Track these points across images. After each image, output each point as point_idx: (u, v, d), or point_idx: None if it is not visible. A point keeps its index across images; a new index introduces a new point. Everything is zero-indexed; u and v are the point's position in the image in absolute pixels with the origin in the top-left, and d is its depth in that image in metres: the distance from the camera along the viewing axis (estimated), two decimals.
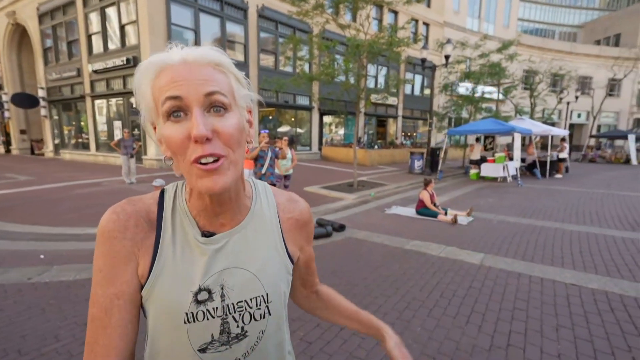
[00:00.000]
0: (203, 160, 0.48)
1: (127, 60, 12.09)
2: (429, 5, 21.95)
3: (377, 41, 8.36)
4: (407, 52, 13.51)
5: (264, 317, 0.59)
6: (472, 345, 2.28)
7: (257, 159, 5.24)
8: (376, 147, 17.58)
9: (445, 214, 5.94)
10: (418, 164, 12.42)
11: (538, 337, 2.39)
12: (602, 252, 4.19)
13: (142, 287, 0.55)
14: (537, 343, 2.31)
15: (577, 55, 30.67)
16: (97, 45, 13.41)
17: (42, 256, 3.84)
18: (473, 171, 11.72)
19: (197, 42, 12.74)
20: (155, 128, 0.54)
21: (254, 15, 14.36)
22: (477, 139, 12.80)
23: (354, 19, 9.73)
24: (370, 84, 16.96)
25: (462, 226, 5.46)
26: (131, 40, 12.28)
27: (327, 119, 19.28)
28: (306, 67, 14.10)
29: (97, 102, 14.18)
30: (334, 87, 10.03)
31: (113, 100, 13.66)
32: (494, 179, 10.91)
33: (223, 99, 0.50)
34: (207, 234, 0.57)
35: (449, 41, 12.04)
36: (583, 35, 44.23)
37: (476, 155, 12.10)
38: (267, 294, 0.59)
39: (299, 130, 17.30)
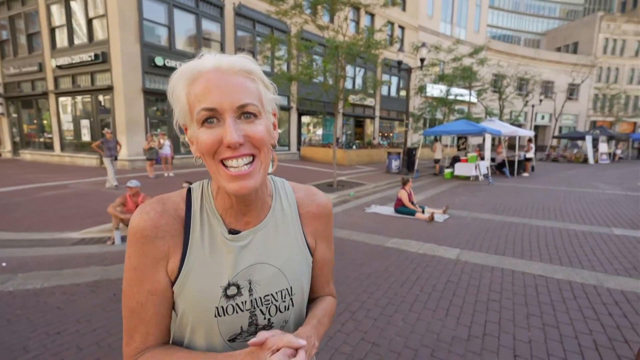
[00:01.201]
0: (232, 163, 0.53)
1: (96, 56, 11.51)
2: (404, 9, 22.53)
3: (355, 43, 8.48)
4: (384, 54, 13.81)
5: (287, 308, 0.63)
6: (451, 337, 2.39)
7: None
8: (354, 147, 17.82)
9: (423, 212, 6.14)
10: (395, 164, 12.72)
11: (511, 325, 2.54)
12: (565, 245, 4.50)
13: (173, 283, 0.57)
14: (510, 331, 2.46)
15: (540, 61, 32.62)
16: (61, 39, 12.67)
17: (4, 264, 3.58)
18: (448, 170, 12.18)
19: (170, 39, 12.36)
20: (186, 129, 0.58)
21: (231, 13, 14.13)
22: (436, 139, 13.31)
23: (331, 20, 9.83)
24: (349, 84, 17.16)
25: (438, 223, 5.67)
26: (99, 35, 11.70)
27: (305, 119, 19.30)
28: (284, 67, 14.05)
29: (62, 99, 13.38)
30: (313, 87, 10.07)
31: (79, 98, 12.94)
32: (467, 178, 11.39)
33: (254, 108, 0.53)
34: (233, 232, 0.60)
35: (424, 44, 12.42)
36: (546, 42, 47.08)
37: (439, 154, 12.70)
38: (290, 287, 0.63)
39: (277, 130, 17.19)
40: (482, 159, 11.89)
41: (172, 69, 12.31)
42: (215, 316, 0.57)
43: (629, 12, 43.97)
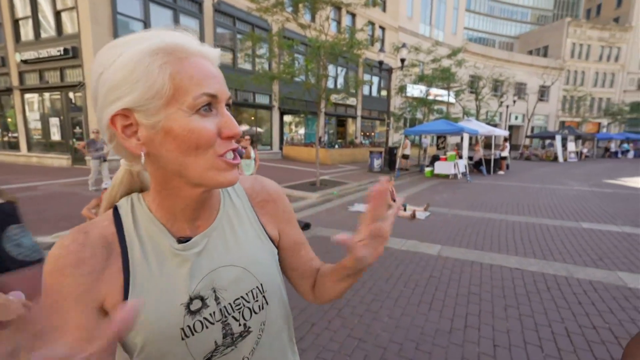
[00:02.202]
0: (228, 155, 0.49)
1: (65, 50, 10.95)
2: (384, 10, 22.85)
3: (338, 43, 8.52)
4: (366, 54, 13.96)
5: (262, 308, 0.58)
6: (434, 330, 2.45)
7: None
8: (337, 146, 17.90)
9: (405, 209, 6.25)
10: (377, 163, 12.89)
11: (490, 317, 2.64)
12: (538, 239, 4.72)
13: None
14: (490, 322, 2.56)
15: (514, 64, 34.01)
16: (26, 32, 11.97)
17: None
18: (428, 169, 12.47)
19: None
20: (129, 113, 0.46)
21: (210, 9, 13.83)
22: (406, 136, 13.68)
23: (313, 19, 9.82)
24: (330, 84, 17.22)
25: (420, 221, 5.80)
26: (69, 28, 11.14)
27: (287, 118, 19.20)
28: (266, 66, 13.93)
29: (28, 96, 12.66)
30: (295, 86, 10.04)
31: (47, 95, 12.28)
32: (446, 176, 11.71)
33: (230, 101, 0.52)
34: (183, 240, 0.53)
35: (404, 45, 12.65)
36: (518, 45, 49.14)
37: (407, 151, 13.11)
38: (261, 284, 0.57)
39: (259, 129, 17.01)
40: (461, 157, 12.26)
41: None
42: (183, 339, 0.50)
43: (593, 19, 46.67)
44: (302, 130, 20.21)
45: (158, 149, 0.47)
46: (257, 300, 0.57)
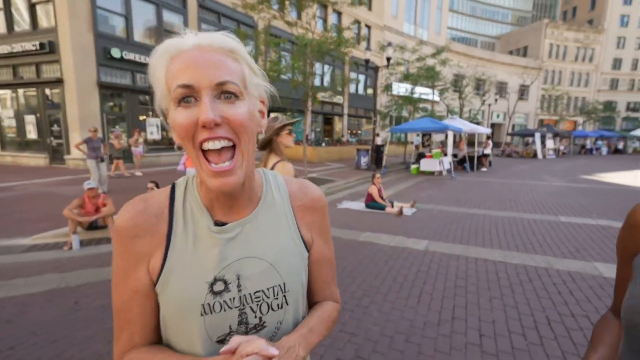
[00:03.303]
0: (210, 146, 0.49)
1: (41, 45, 10.50)
2: (370, 9, 22.96)
3: (325, 41, 8.52)
4: (352, 53, 14.01)
5: (281, 307, 0.58)
6: (423, 322, 2.52)
7: None
8: (324, 144, 17.93)
9: (392, 206, 6.35)
10: (364, 160, 13.00)
11: (476, 308, 2.73)
12: (520, 233, 4.90)
13: (156, 281, 0.55)
14: (476, 313, 2.65)
15: (495, 63, 34.87)
16: None
17: None
18: (414, 166, 12.68)
19: (128, 30, 11.62)
20: (168, 113, 0.53)
21: (194, 5, 13.54)
22: (377, 135, 13.97)
23: (299, 16, 9.79)
24: (317, 82, 17.20)
25: (407, 217, 5.90)
26: (44, 22, 10.69)
27: (273, 115, 19.01)
28: None
29: (0, 92, 12.08)
30: (282, 84, 9.97)
31: (22, 91, 11.76)
32: (432, 173, 11.94)
33: (234, 88, 0.50)
34: (219, 224, 0.57)
35: (389, 44, 12.77)
36: (499, 45, 50.37)
37: (380, 142, 13.46)
38: (284, 284, 0.59)
39: None
40: (445, 155, 12.52)
41: (131, 61, 11.59)
42: (202, 314, 0.53)
43: (569, 20, 48.37)
44: None
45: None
46: (277, 298, 0.58)
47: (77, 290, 3.00)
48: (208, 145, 0.49)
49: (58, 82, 10.67)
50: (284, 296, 0.59)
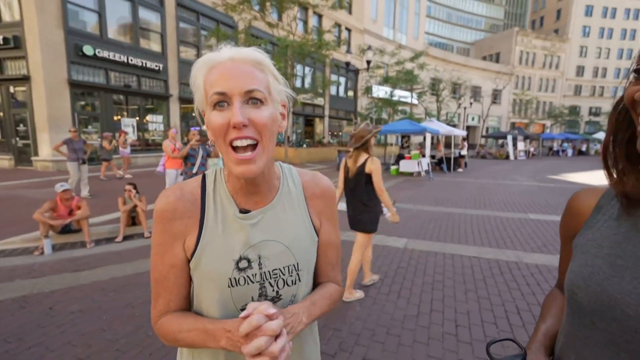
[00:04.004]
0: (237, 143, 0.58)
1: (5, 40, 9.97)
2: (350, 12, 23.30)
3: (306, 43, 8.60)
4: (333, 55, 14.17)
5: (295, 283, 0.68)
6: (403, 315, 2.62)
7: (188, 158, 4.94)
8: (305, 145, 17.99)
9: None
10: None
11: (452, 300, 2.87)
12: (493, 230, 5.15)
13: (190, 258, 0.64)
14: (452, 305, 2.78)
15: (470, 68, 36.25)
16: None
17: None
18: (393, 167, 12.97)
19: (102, 27, 11.21)
20: (204, 115, 0.63)
21: (172, 3, 13.26)
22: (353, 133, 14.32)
23: (280, 18, 9.81)
24: (298, 84, 17.25)
25: (386, 216, 6.04)
26: (7, 16, 10.13)
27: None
28: None
29: None
30: None
31: None
32: (411, 174, 12.26)
33: (260, 94, 0.59)
34: (244, 211, 0.66)
35: (369, 47, 13.03)
36: (474, 51, 52.41)
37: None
38: (297, 263, 0.68)
39: None
40: (424, 156, 12.89)
41: (105, 59, 11.19)
42: (229, 286, 0.63)
43: (537, 29, 51.08)
44: None
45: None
46: (291, 275, 0.68)
47: (51, 295, 2.89)
48: (236, 143, 0.59)
49: (24, 79, 10.14)
50: (298, 274, 0.68)
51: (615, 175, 0.51)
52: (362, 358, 2.11)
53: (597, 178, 12.21)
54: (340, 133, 25.10)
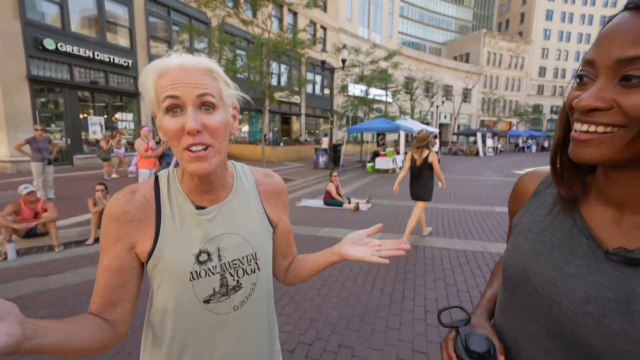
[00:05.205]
0: (193, 148, 0.60)
1: None
2: (325, 11, 23.38)
3: (281, 41, 8.59)
4: (309, 54, 14.21)
5: (254, 271, 0.72)
6: (377, 304, 2.77)
7: (163, 157, 4.85)
8: (282, 144, 17.94)
9: (349, 202, 6.66)
10: (322, 159, 13.29)
11: (422, 289, 3.06)
12: (462, 223, 5.46)
13: (148, 258, 0.65)
14: (422, 293, 2.97)
15: (442, 67, 37.47)
16: None
17: None
18: (369, 164, 13.26)
19: (64, 19, 10.59)
20: (155, 117, 0.64)
21: None
22: (325, 134, 14.64)
23: (254, 15, 9.73)
24: (274, 81, 17.14)
25: (363, 212, 6.24)
26: None
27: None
28: None
29: None
30: (237, 82, 9.79)
31: None
32: (386, 171, 12.60)
33: (212, 100, 0.61)
34: (200, 208, 0.69)
35: (344, 46, 13.20)
36: (445, 51, 54.22)
37: (325, 145, 14.10)
38: (255, 253, 0.72)
39: None
40: (398, 153, 13.27)
41: (68, 54, 10.60)
42: (190, 280, 0.65)
43: (503, 31, 53.65)
44: (246, 128, 19.78)
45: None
46: (250, 264, 0.72)
47: (17, 301, 2.78)
48: (192, 148, 0.60)
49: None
50: (256, 263, 0.73)
51: (559, 176, 0.54)
52: (338, 345, 2.23)
53: None
54: (317, 131, 25.19)
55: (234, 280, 0.70)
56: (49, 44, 10.04)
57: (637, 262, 0.42)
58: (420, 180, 4.30)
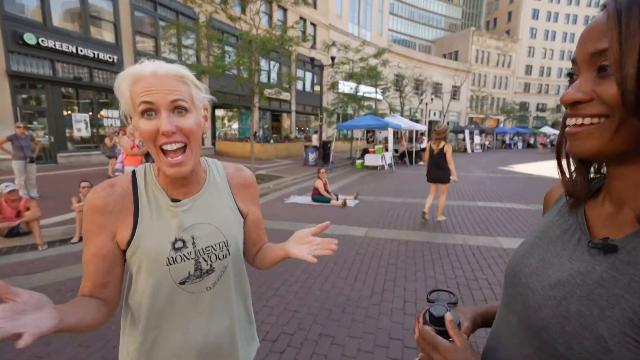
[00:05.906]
0: (168, 147, 0.68)
1: None
2: (315, 7, 23.32)
3: (270, 38, 8.57)
4: (298, 51, 14.19)
5: (225, 257, 0.80)
6: (358, 295, 2.87)
7: (149, 155, 4.84)
8: (272, 141, 17.92)
9: (337, 199, 6.75)
10: (312, 157, 13.35)
11: (403, 280, 3.17)
12: (445, 217, 5.61)
13: (127, 246, 0.72)
14: (402, 285, 3.08)
15: (431, 65, 37.81)
16: None
17: None
18: (358, 161, 13.38)
19: (45, 13, 10.34)
20: (131, 119, 0.72)
21: None
22: (315, 132, 14.78)
23: (243, 11, 9.66)
24: (264, 78, 17.08)
25: (350, 208, 6.34)
26: None
27: (219, 112, 18.51)
28: (193, 57, 13.19)
29: None
30: (227, 79, 9.79)
31: None
32: (375, 167, 12.74)
33: (184, 104, 0.69)
34: (175, 200, 0.76)
35: (334, 43, 13.24)
36: (435, 49, 54.67)
37: (315, 142, 14.24)
38: (226, 240, 0.80)
39: None
40: (387, 150, 13.43)
41: (50, 49, 10.37)
42: (167, 265, 0.72)
43: (491, 29, 54.39)
44: (235, 125, 19.67)
45: None
46: (222, 251, 0.79)
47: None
48: (166, 147, 0.68)
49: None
50: (227, 249, 0.80)
51: (567, 175, 0.53)
52: (319, 334, 2.31)
53: (538, 169, 13.48)
54: (307, 128, 25.18)
55: (207, 264, 0.77)
56: (30, 38, 9.81)
57: (613, 249, 0.42)
58: (439, 167, 5.15)
